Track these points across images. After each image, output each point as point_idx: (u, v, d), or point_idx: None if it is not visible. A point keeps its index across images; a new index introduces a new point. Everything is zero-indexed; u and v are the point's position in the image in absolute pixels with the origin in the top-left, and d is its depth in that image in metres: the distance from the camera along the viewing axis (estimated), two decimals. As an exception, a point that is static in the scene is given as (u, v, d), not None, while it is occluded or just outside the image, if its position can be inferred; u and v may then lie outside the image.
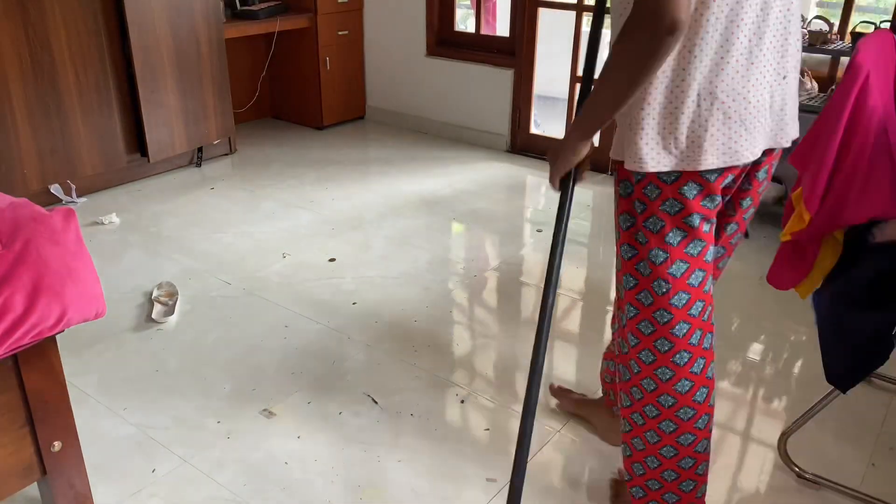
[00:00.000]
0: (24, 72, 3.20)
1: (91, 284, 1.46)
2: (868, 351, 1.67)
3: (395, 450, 2.01)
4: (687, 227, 1.40)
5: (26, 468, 1.53)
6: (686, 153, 1.34)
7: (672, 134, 1.33)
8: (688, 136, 1.33)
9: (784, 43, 1.35)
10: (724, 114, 1.32)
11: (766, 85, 1.35)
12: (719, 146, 1.33)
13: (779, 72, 1.36)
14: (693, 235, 1.41)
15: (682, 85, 1.31)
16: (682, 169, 1.35)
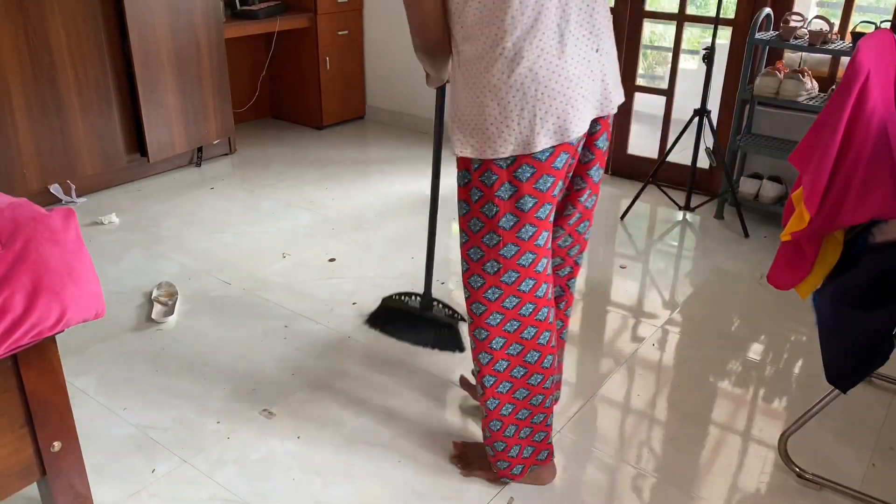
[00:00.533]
0: (23, 72, 3.20)
1: (91, 284, 1.46)
2: (868, 351, 1.67)
3: (395, 450, 2.01)
4: (519, 211, 1.49)
5: (26, 468, 1.53)
6: (519, 138, 1.42)
7: (505, 122, 1.41)
8: (518, 123, 1.41)
9: (591, 19, 1.46)
10: (548, 96, 1.41)
11: (583, 60, 1.44)
12: (549, 126, 1.42)
13: (591, 46, 1.47)
14: (525, 220, 1.50)
15: (503, 76, 1.40)
16: (516, 154, 1.44)
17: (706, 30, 6.16)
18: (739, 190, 3.47)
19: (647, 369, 2.39)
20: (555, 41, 1.40)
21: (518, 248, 1.54)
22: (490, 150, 1.44)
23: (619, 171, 4.12)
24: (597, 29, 1.47)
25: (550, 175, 1.47)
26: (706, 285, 2.94)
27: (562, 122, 1.42)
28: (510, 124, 1.41)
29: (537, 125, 1.41)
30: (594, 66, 1.47)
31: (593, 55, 1.47)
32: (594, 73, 1.48)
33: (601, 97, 1.51)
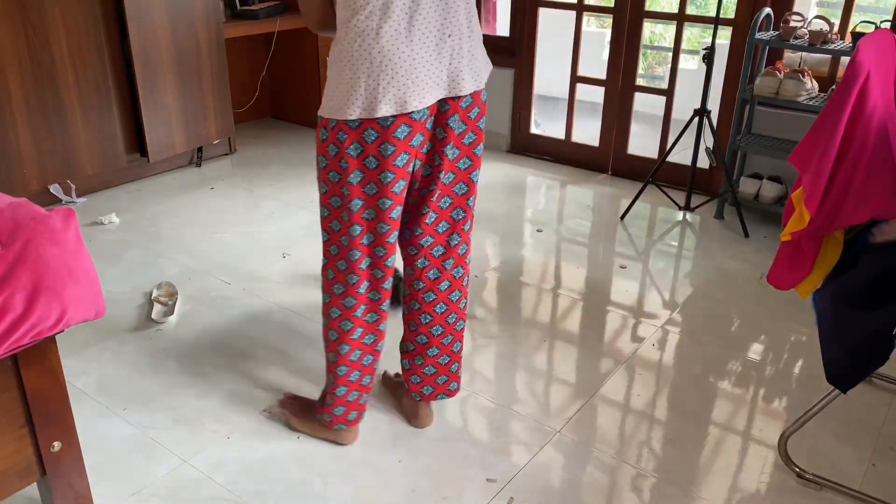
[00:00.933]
0: (23, 72, 3.20)
1: (91, 284, 1.46)
2: (868, 351, 1.67)
3: (395, 450, 2.01)
4: (366, 168, 1.68)
5: (26, 468, 1.53)
6: (364, 104, 1.61)
7: (354, 88, 1.61)
8: (365, 90, 1.60)
9: (445, 7, 1.62)
10: (392, 70, 1.59)
11: (430, 44, 1.62)
12: (390, 97, 1.60)
13: (442, 32, 1.63)
14: (369, 178, 1.69)
15: (358, 49, 1.59)
16: (363, 117, 1.62)
17: (706, 30, 6.16)
18: (739, 190, 3.47)
19: (647, 369, 2.39)
20: (403, 24, 1.58)
21: (363, 203, 1.73)
22: (341, 112, 1.64)
23: (619, 171, 4.13)
24: (450, 17, 1.64)
25: (392, 144, 1.65)
26: (706, 285, 2.94)
27: (401, 95, 1.60)
28: (358, 91, 1.61)
29: (380, 94, 1.59)
30: (442, 51, 1.63)
31: (443, 40, 1.63)
32: (441, 56, 1.64)
33: (448, 79, 1.67)
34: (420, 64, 1.60)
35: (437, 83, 1.64)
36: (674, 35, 3.82)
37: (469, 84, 1.69)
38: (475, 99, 1.74)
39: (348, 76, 1.61)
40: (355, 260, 1.81)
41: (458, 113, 1.71)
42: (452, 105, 1.70)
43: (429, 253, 1.90)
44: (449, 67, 1.65)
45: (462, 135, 1.76)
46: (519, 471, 1.94)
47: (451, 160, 1.78)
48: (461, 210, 1.87)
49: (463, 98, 1.70)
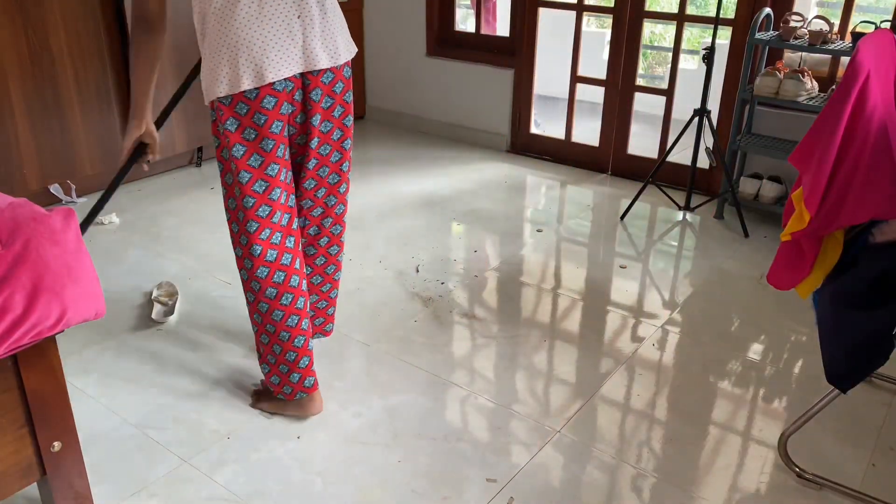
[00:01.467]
0: (23, 71, 3.20)
1: (91, 284, 1.46)
2: (868, 351, 1.67)
3: (395, 450, 2.01)
4: (246, 141, 1.85)
5: (26, 468, 1.53)
6: (231, 80, 1.79)
7: (219, 67, 1.80)
8: (229, 68, 1.78)
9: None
10: (247, 48, 1.78)
11: (282, 24, 1.80)
12: (249, 72, 1.78)
13: (293, 13, 1.81)
14: (252, 149, 1.86)
15: (218, 33, 1.80)
16: (231, 93, 1.79)
17: (706, 30, 6.16)
18: (739, 190, 3.47)
19: (647, 369, 2.39)
20: (255, 8, 1.78)
21: (251, 175, 1.88)
22: (213, 92, 1.81)
23: (619, 171, 4.13)
24: (300, 3, 1.83)
25: (262, 113, 1.82)
26: (706, 285, 2.94)
27: (258, 69, 1.79)
28: (223, 70, 1.79)
29: (240, 70, 1.78)
30: (294, 30, 1.82)
31: (294, 21, 1.82)
32: (294, 35, 1.82)
33: (303, 55, 1.85)
34: (272, 42, 1.80)
35: (292, 59, 1.83)
36: (674, 35, 3.82)
37: (324, 60, 1.88)
38: (336, 74, 1.93)
39: (213, 58, 1.81)
40: (253, 231, 1.94)
41: (319, 87, 1.90)
42: (312, 80, 1.89)
43: (309, 213, 2.11)
44: (302, 45, 1.84)
45: (331, 108, 1.95)
46: (519, 471, 1.94)
47: (325, 132, 1.97)
48: (336, 175, 2.08)
49: (322, 73, 1.89)
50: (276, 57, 1.80)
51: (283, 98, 1.85)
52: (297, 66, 1.84)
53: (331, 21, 1.90)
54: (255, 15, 1.79)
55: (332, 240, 2.19)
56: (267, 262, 1.96)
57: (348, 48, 1.96)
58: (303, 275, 2.04)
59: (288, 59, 1.83)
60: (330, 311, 2.35)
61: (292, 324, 2.02)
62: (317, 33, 1.86)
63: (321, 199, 2.10)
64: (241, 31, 1.78)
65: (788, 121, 3.46)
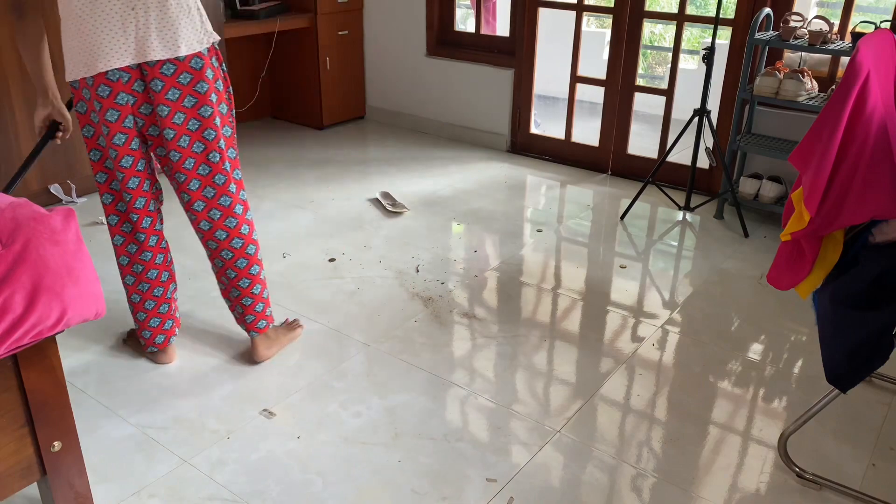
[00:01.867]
0: (23, 71, 3.20)
1: (91, 284, 1.46)
2: (868, 351, 1.67)
3: (395, 450, 2.01)
4: (92, 122, 2.06)
5: (26, 468, 1.53)
6: (72, 67, 1.97)
7: (66, 55, 1.97)
8: (69, 57, 1.96)
9: None
10: (78, 38, 1.91)
11: (115, 16, 1.91)
12: (83, 60, 1.93)
13: (126, 5, 1.91)
14: (98, 132, 2.06)
15: (64, 23, 1.94)
16: (72, 78, 1.99)
17: (706, 30, 6.17)
18: (739, 190, 3.47)
19: (647, 369, 2.39)
20: (86, 4, 1.89)
21: (101, 154, 2.11)
22: (67, 76, 1.99)
23: (619, 171, 4.13)
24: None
25: (98, 101, 1.97)
26: (706, 285, 2.94)
27: (90, 58, 1.92)
28: (69, 56, 1.96)
29: (76, 58, 1.94)
30: (127, 21, 1.92)
31: (128, 13, 1.92)
32: (127, 26, 1.92)
33: (136, 47, 1.94)
34: (104, 33, 1.91)
35: (125, 51, 1.93)
36: (674, 35, 3.82)
37: (158, 52, 1.95)
38: (179, 66, 1.99)
39: (63, 46, 1.97)
40: (108, 204, 2.17)
41: (158, 78, 1.97)
42: (150, 70, 1.96)
43: (191, 207, 2.17)
44: (136, 37, 1.93)
45: (180, 99, 2.02)
46: (519, 471, 1.94)
47: (179, 124, 2.04)
48: (206, 166, 2.11)
49: (160, 64, 1.96)
50: (107, 47, 1.92)
51: (118, 88, 1.97)
52: (129, 57, 1.94)
53: (172, 13, 1.96)
54: (87, 7, 1.90)
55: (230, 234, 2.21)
56: (120, 232, 2.20)
57: (197, 39, 2.01)
58: (130, 239, 2.22)
59: (119, 50, 1.93)
60: (258, 307, 2.33)
61: (143, 289, 2.26)
62: (152, 25, 1.94)
63: (197, 192, 2.14)
64: (77, 23, 1.92)
65: (788, 121, 3.46)
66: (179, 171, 2.09)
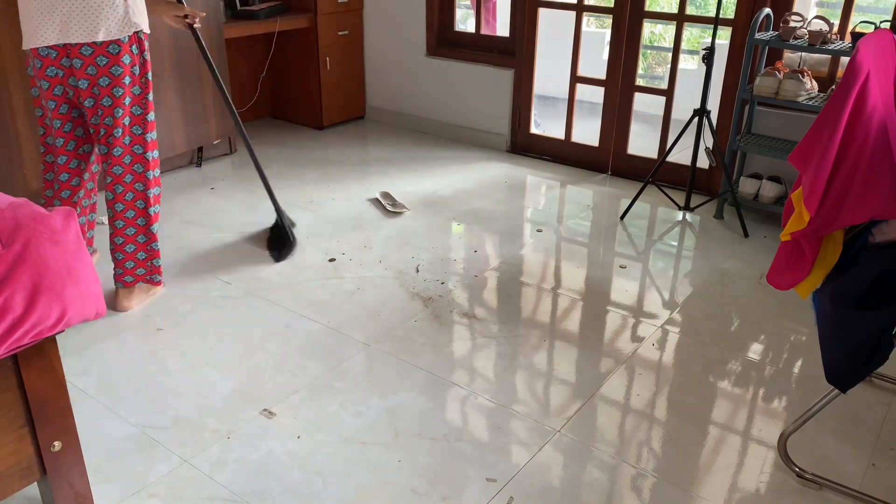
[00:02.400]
0: (23, 72, 3.20)
1: (91, 284, 1.46)
2: (868, 351, 1.67)
3: (395, 450, 2.01)
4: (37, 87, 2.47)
5: (26, 468, 1.53)
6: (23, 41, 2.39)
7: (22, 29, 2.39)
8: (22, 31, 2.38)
9: None
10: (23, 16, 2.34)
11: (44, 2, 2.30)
12: (24, 36, 2.36)
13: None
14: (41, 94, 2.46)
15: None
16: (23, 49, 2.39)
17: (706, 30, 6.16)
18: (739, 190, 3.47)
19: (647, 369, 2.40)
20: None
21: (42, 112, 2.52)
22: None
23: (619, 171, 4.13)
24: None
25: (35, 70, 2.42)
26: (706, 285, 2.94)
27: (28, 35, 2.35)
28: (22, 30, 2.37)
29: (23, 33, 2.36)
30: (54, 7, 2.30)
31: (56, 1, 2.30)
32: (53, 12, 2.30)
33: (59, 29, 2.32)
34: (34, 15, 2.31)
35: (49, 31, 2.32)
36: (674, 35, 3.83)
37: (78, 36, 2.33)
38: (97, 49, 2.36)
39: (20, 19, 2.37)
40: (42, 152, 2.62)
41: (79, 57, 2.36)
42: (72, 50, 2.35)
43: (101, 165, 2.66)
44: (60, 21, 2.31)
45: (96, 76, 2.39)
46: (519, 471, 1.94)
47: (95, 95, 2.42)
48: (111, 138, 2.48)
49: (80, 46, 2.34)
50: (36, 27, 2.31)
51: (46, 62, 2.37)
52: (53, 38, 2.32)
53: (94, 3, 2.32)
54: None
55: (114, 179, 2.54)
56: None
57: (118, 28, 2.37)
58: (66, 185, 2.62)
59: (45, 31, 2.32)
60: (117, 270, 2.67)
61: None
62: (75, 12, 2.31)
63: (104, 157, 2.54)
64: (23, 2, 2.32)
65: (788, 121, 3.46)
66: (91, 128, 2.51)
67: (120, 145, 2.49)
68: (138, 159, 2.55)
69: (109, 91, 2.41)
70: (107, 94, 2.41)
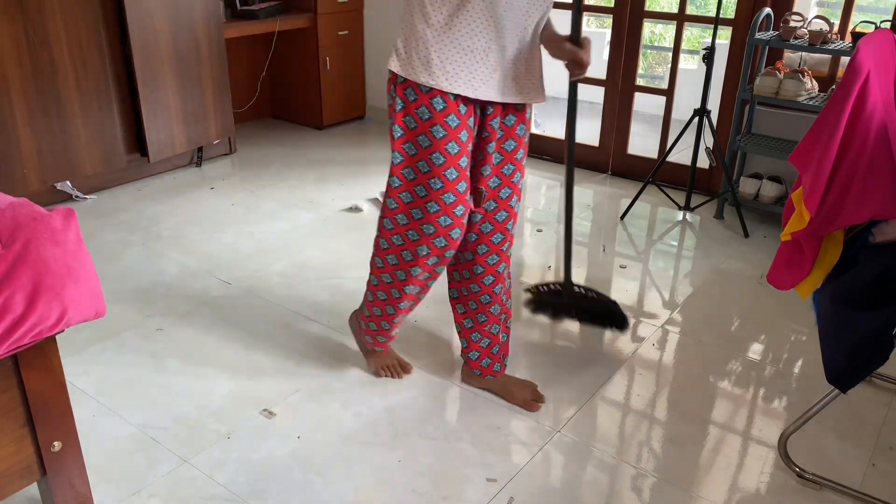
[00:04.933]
0: (23, 72, 3.20)
1: (91, 284, 1.46)
2: (868, 351, 1.67)
3: (395, 450, 2.01)
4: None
5: (26, 468, 1.53)
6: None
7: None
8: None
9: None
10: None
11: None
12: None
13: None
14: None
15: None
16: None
17: (706, 30, 6.16)
18: (739, 190, 3.47)
19: (647, 369, 2.39)
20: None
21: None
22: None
23: (619, 171, 4.13)
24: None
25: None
26: (706, 285, 2.94)
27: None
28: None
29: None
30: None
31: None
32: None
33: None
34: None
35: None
36: (674, 35, 3.82)
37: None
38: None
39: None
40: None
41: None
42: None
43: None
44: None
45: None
46: (519, 471, 1.94)
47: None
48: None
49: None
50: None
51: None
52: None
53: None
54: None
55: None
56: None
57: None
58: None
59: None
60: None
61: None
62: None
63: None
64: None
65: (788, 121, 3.46)
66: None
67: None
68: (391, 193, 2.03)
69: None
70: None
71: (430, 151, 1.86)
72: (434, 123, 1.84)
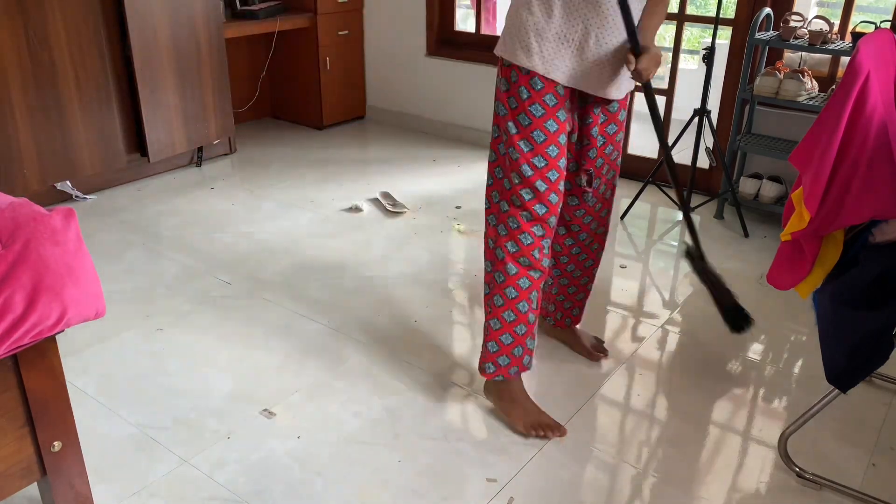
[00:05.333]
0: (23, 71, 3.20)
1: (91, 284, 1.46)
2: (868, 351, 1.67)
3: (395, 450, 2.01)
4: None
5: (26, 468, 1.53)
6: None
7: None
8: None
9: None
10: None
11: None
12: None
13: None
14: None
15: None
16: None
17: (706, 30, 6.16)
18: (739, 190, 3.47)
19: (647, 369, 2.39)
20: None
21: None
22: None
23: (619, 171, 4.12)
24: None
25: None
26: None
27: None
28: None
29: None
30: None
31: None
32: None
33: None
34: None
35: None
36: (674, 35, 3.82)
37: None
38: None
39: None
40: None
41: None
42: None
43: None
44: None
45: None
46: (519, 471, 1.94)
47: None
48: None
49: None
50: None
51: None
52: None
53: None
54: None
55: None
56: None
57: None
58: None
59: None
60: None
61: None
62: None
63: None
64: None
65: (788, 121, 3.46)
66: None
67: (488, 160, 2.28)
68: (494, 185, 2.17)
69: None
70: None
71: (531, 130, 1.95)
72: (533, 102, 1.93)
